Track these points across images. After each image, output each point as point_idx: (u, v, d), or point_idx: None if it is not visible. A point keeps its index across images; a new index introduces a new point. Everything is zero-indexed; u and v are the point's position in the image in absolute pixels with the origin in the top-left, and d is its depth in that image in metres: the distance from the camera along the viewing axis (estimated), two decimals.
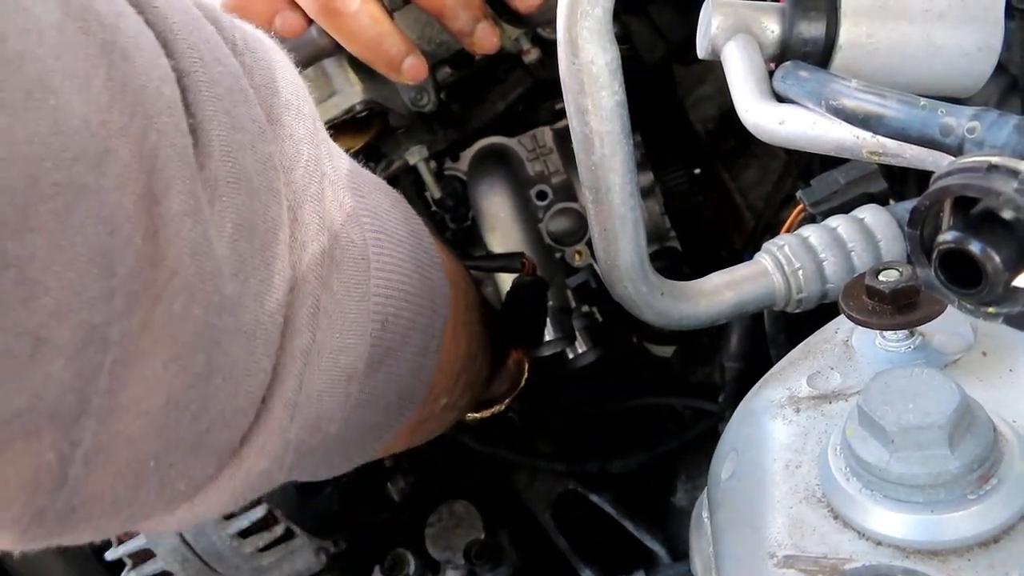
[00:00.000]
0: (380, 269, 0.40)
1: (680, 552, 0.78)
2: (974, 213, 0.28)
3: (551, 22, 0.67)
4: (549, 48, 0.73)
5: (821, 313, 0.55)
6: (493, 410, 0.69)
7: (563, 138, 0.81)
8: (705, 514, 0.44)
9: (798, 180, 0.86)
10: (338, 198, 0.38)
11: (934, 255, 0.29)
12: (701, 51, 0.48)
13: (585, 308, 0.81)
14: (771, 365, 0.58)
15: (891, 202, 0.56)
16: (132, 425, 0.29)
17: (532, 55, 0.72)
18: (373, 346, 0.39)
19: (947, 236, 0.28)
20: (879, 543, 0.32)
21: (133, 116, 0.27)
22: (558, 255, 0.83)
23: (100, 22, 0.27)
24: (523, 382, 0.70)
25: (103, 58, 0.27)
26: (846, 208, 0.55)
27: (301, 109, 0.37)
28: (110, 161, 0.26)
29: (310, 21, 0.59)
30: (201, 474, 0.34)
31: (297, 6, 0.59)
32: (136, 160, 0.27)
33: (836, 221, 0.53)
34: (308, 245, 0.35)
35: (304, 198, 0.35)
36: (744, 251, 0.90)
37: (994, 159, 0.27)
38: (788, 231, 0.57)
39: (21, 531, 0.29)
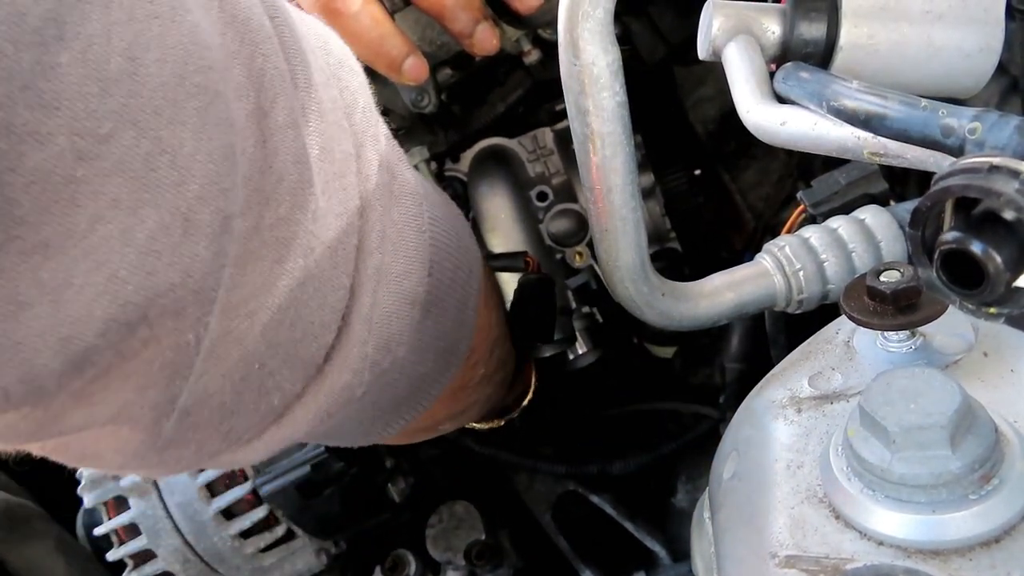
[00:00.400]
0: (428, 211, 0.43)
1: (680, 553, 0.78)
2: (975, 214, 0.28)
3: (551, 23, 0.67)
4: (549, 49, 0.73)
5: (821, 314, 0.56)
6: (502, 421, 0.69)
7: (563, 139, 0.81)
8: (706, 514, 0.44)
9: (798, 181, 0.86)
10: (390, 143, 0.42)
11: (936, 255, 0.29)
12: (702, 52, 0.48)
13: (586, 309, 0.81)
14: (772, 366, 0.58)
15: (892, 203, 0.56)
16: (242, 324, 0.32)
17: (532, 56, 0.72)
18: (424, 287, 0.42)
19: (949, 236, 0.28)
20: (881, 543, 0.32)
21: (243, 42, 0.32)
22: (558, 256, 0.83)
23: None
24: (531, 393, 0.70)
25: None
26: (847, 209, 0.55)
27: (353, 67, 0.41)
28: (230, 75, 0.30)
29: None
30: (291, 389, 0.36)
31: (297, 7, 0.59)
32: (247, 79, 0.31)
33: (837, 222, 0.53)
34: (371, 178, 0.39)
35: (364, 138, 0.39)
36: (744, 252, 0.90)
37: (995, 160, 0.27)
38: (789, 232, 0.57)
39: (152, 422, 0.32)
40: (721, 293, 0.54)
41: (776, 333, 0.63)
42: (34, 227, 0.25)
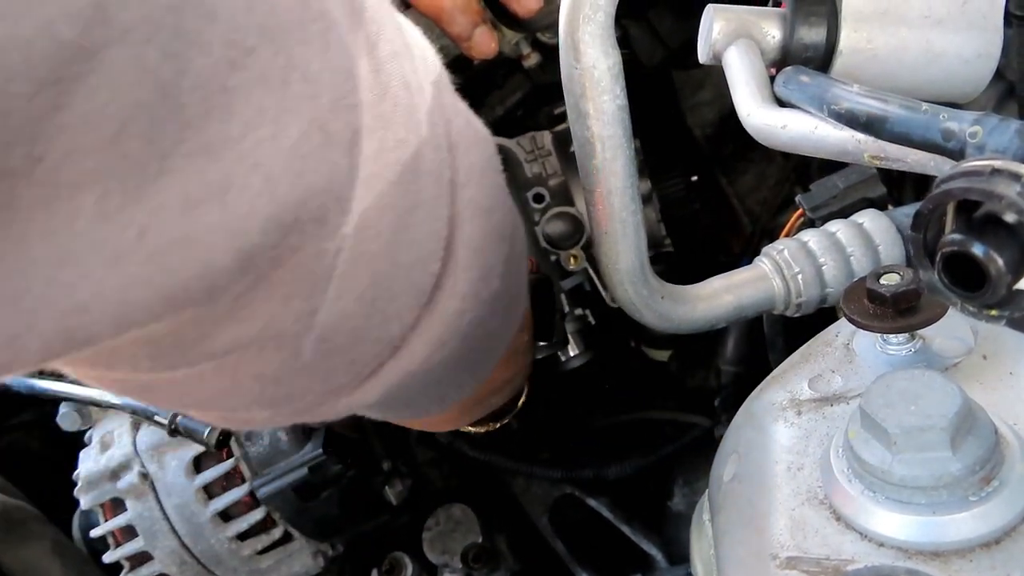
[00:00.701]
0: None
1: (677, 556, 0.78)
2: (977, 216, 0.28)
3: (551, 26, 0.68)
4: (549, 53, 0.74)
5: (819, 318, 0.56)
6: (497, 424, 0.70)
7: (562, 141, 0.81)
8: (706, 516, 0.44)
9: (795, 185, 0.87)
10: (454, 93, 0.44)
11: (938, 258, 0.29)
12: (702, 56, 0.48)
13: (578, 311, 0.81)
14: (768, 369, 0.58)
15: (889, 207, 0.57)
16: (372, 246, 0.34)
17: (531, 60, 0.73)
18: None
19: (951, 239, 0.28)
20: (881, 544, 0.33)
21: None
22: (553, 258, 0.83)
23: None
24: (524, 396, 0.71)
25: None
26: (845, 213, 0.55)
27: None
28: (338, 10, 0.33)
29: None
30: (407, 317, 0.39)
31: None
32: (351, 13, 0.34)
33: (835, 226, 0.53)
34: (453, 119, 0.41)
35: (442, 82, 0.41)
36: (742, 256, 0.90)
37: (997, 163, 0.27)
38: (787, 235, 0.57)
39: (294, 338, 0.34)
40: (720, 296, 0.54)
41: (774, 336, 0.64)
42: (198, 130, 0.27)
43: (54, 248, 0.26)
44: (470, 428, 0.69)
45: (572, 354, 0.81)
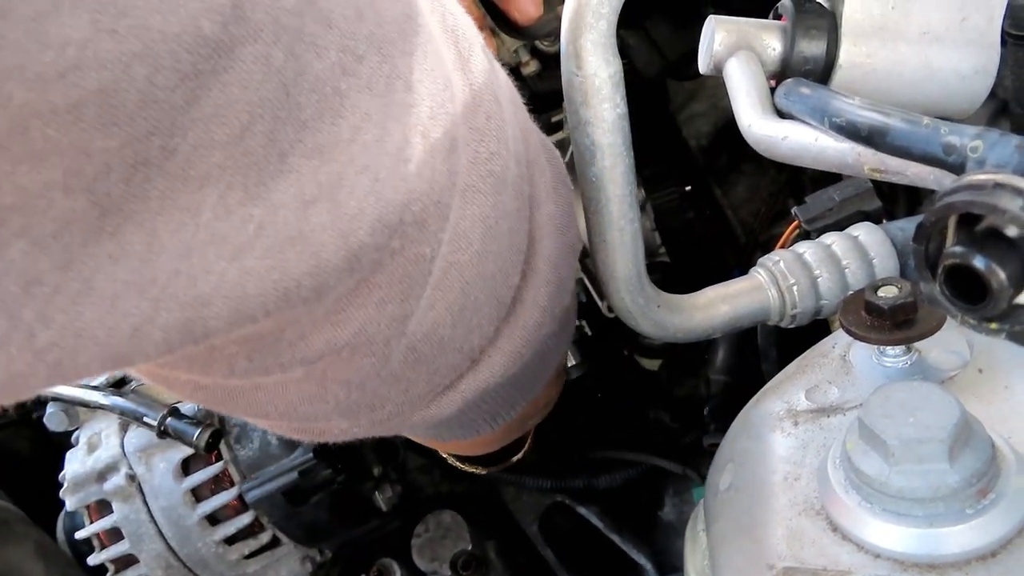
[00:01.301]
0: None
1: (667, 566, 0.78)
2: (978, 230, 0.28)
3: (550, 34, 0.68)
4: (547, 61, 0.74)
5: (811, 329, 0.56)
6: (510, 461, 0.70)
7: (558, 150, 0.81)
8: (701, 526, 0.44)
9: (789, 197, 0.87)
10: (527, 112, 0.45)
11: (939, 270, 0.29)
12: (703, 66, 0.48)
13: (575, 322, 0.81)
14: (757, 379, 0.58)
15: (884, 220, 0.57)
16: (463, 256, 0.35)
17: (531, 67, 0.73)
18: None
19: (952, 252, 0.28)
20: (878, 556, 0.33)
21: (434, 4, 0.36)
22: None
23: None
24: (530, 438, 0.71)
25: None
26: (840, 225, 0.56)
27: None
28: (433, 28, 0.34)
29: None
30: (488, 329, 0.39)
31: None
32: (443, 31, 0.35)
33: (830, 238, 0.54)
34: (530, 136, 0.42)
35: (514, 98, 0.43)
36: (735, 267, 0.91)
37: (999, 178, 0.28)
38: (783, 247, 0.57)
39: (384, 344, 0.34)
40: (716, 306, 0.54)
41: (768, 347, 0.64)
42: (313, 131, 0.28)
43: (179, 240, 0.26)
44: (481, 470, 0.70)
45: (570, 365, 0.81)
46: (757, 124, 0.43)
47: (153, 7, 0.23)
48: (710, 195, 0.91)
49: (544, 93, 0.75)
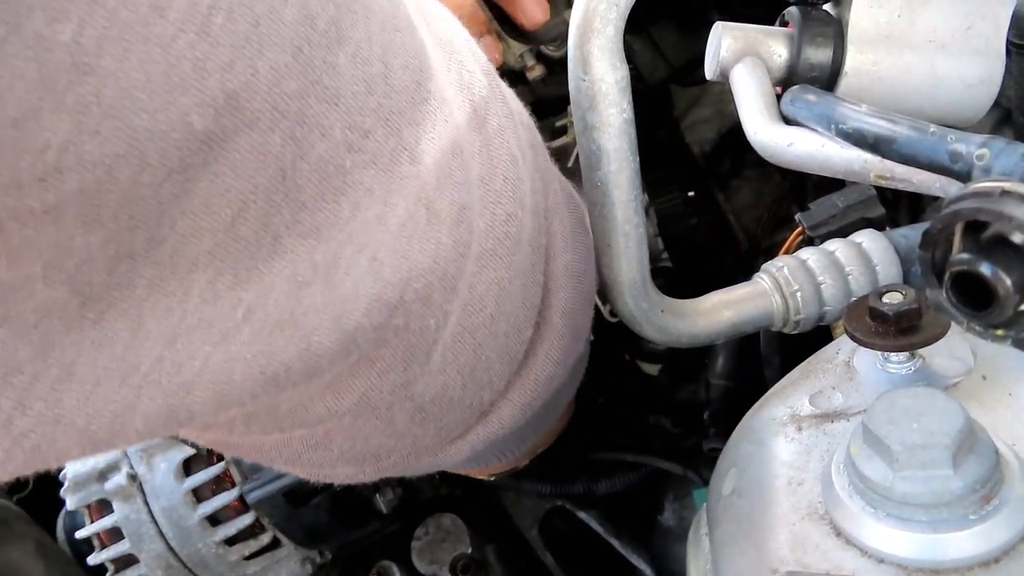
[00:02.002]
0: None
1: (667, 571, 0.78)
2: (985, 237, 0.29)
3: (556, 39, 0.68)
4: (552, 65, 0.74)
5: (813, 335, 0.56)
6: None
7: (558, 157, 0.81)
8: (703, 531, 0.44)
9: (792, 204, 0.87)
10: (546, 153, 0.44)
11: (946, 277, 0.29)
12: (710, 72, 0.48)
13: None
14: (758, 384, 0.58)
15: (887, 228, 0.57)
16: (475, 318, 0.34)
17: (536, 72, 0.73)
18: None
19: (959, 258, 0.28)
20: (881, 561, 0.33)
21: (451, 60, 0.34)
22: None
23: None
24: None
25: (424, 20, 0.34)
26: (844, 232, 0.56)
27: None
28: (447, 87, 0.33)
29: None
30: (499, 384, 0.38)
31: None
32: (459, 91, 0.34)
33: (834, 245, 0.54)
34: (549, 182, 0.40)
35: (538, 146, 0.41)
36: (738, 273, 0.91)
37: (1007, 185, 0.28)
38: (787, 253, 0.57)
39: (386, 409, 0.34)
40: (719, 311, 0.54)
41: (770, 353, 0.64)
42: (311, 212, 0.27)
43: (165, 326, 0.25)
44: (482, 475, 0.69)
45: None
46: (763, 130, 0.43)
47: (140, 106, 0.22)
48: (713, 201, 0.92)
49: (549, 98, 0.75)
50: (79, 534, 0.73)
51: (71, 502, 0.73)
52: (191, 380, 0.26)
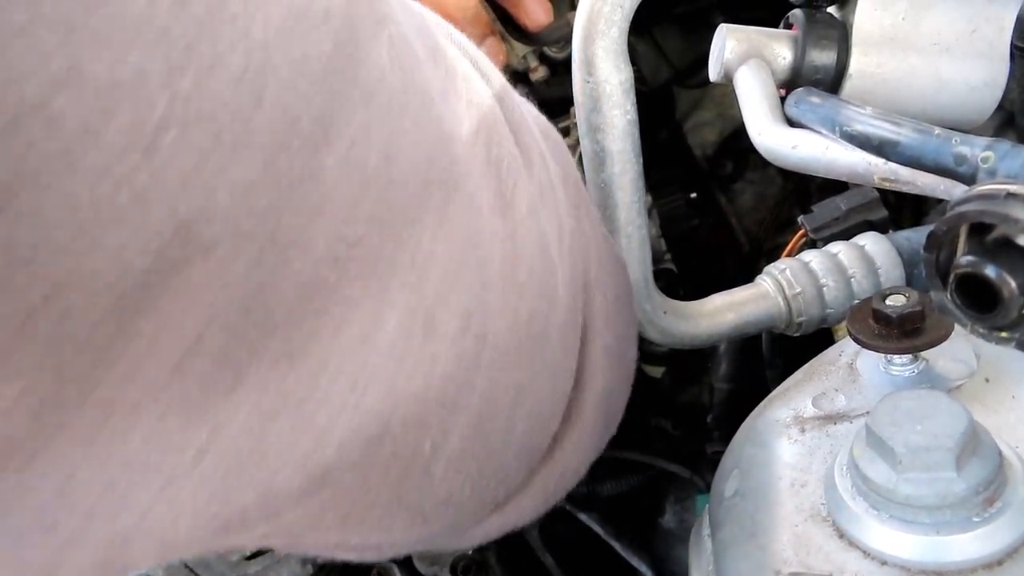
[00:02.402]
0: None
1: (667, 573, 0.78)
2: (990, 239, 0.29)
3: (559, 41, 0.68)
4: (556, 67, 0.74)
5: (816, 337, 0.56)
6: None
7: None
8: (705, 532, 0.44)
9: (794, 206, 0.87)
10: (592, 208, 0.40)
11: (950, 279, 0.29)
12: (714, 74, 0.48)
13: None
14: (761, 386, 0.58)
15: (890, 231, 0.57)
16: (489, 425, 0.30)
17: (539, 73, 0.73)
18: None
19: (964, 260, 0.28)
20: (884, 563, 0.33)
21: (479, 129, 0.29)
22: None
23: (444, 51, 0.30)
24: None
25: (454, 79, 0.30)
26: (846, 235, 0.56)
27: (553, 133, 0.39)
28: (472, 166, 0.28)
29: None
30: (516, 479, 0.34)
31: None
32: (486, 168, 0.29)
33: (837, 247, 0.54)
34: (591, 250, 0.36)
35: (580, 210, 0.36)
36: (740, 275, 0.91)
37: (1012, 187, 0.28)
38: (789, 255, 0.57)
39: (377, 521, 0.30)
40: (722, 313, 0.54)
41: (773, 355, 0.64)
42: (285, 336, 0.23)
43: (100, 475, 0.22)
44: None
45: None
46: (767, 132, 0.43)
47: (63, 248, 0.19)
48: (715, 203, 0.92)
49: (552, 99, 0.75)
50: None
51: None
52: (129, 532, 0.23)
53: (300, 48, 0.22)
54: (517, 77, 0.76)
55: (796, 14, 0.48)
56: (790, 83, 0.47)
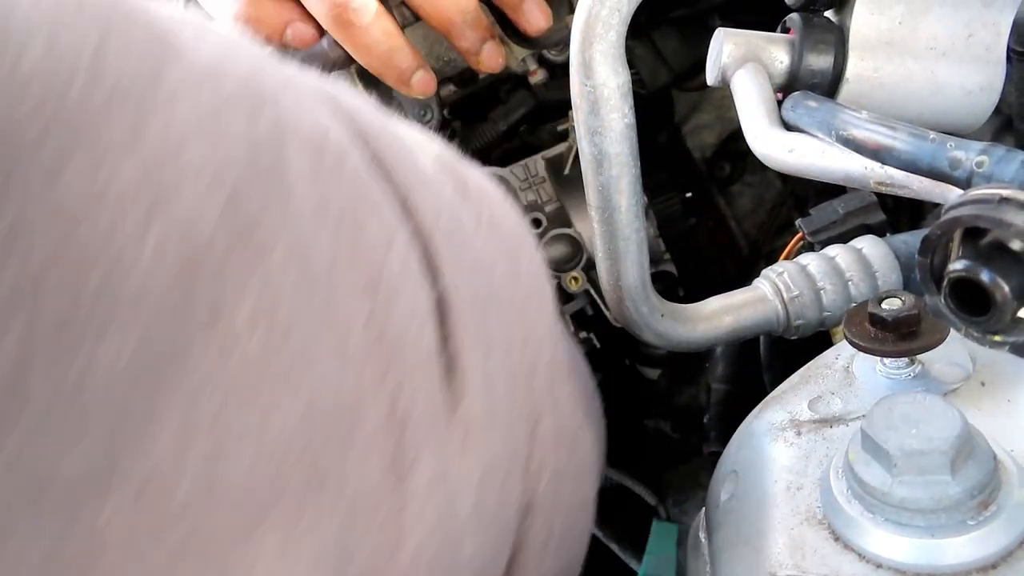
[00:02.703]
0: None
1: None
2: (983, 243, 0.29)
3: (558, 44, 0.68)
4: (555, 70, 0.74)
5: (813, 340, 0.56)
6: None
7: (555, 166, 0.81)
8: (702, 535, 0.44)
9: (792, 210, 0.88)
10: (573, 400, 0.33)
11: (944, 283, 0.29)
12: (711, 78, 0.49)
13: (583, 334, 0.81)
14: (758, 387, 0.58)
15: (888, 234, 0.57)
16: None
17: (538, 76, 0.73)
18: None
19: (958, 265, 0.29)
20: (879, 566, 0.33)
21: (386, 373, 0.23)
22: (554, 282, 0.83)
23: (372, 246, 0.24)
24: None
25: (366, 299, 0.23)
26: (844, 238, 0.56)
27: (543, 291, 0.32)
28: (356, 434, 0.23)
29: (322, 32, 0.60)
30: None
31: (310, 17, 0.59)
32: (384, 428, 0.23)
33: (834, 250, 0.54)
34: (542, 470, 0.30)
35: (543, 408, 0.30)
36: (738, 278, 0.91)
37: (1005, 192, 0.28)
38: (787, 258, 0.57)
39: None
40: (719, 316, 0.54)
41: (770, 358, 0.64)
42: None
43: None
44: None
45: None
46: (764, 136, 0.43)
47: None
48: (714, 206, 0.92)
49: (550, 102, 0.76)
50: None
51: None
52: None
53: None
54: (516, 80, 0.76)
55: (793, 18, 0.48)
56: (787, 87, 0.48)
